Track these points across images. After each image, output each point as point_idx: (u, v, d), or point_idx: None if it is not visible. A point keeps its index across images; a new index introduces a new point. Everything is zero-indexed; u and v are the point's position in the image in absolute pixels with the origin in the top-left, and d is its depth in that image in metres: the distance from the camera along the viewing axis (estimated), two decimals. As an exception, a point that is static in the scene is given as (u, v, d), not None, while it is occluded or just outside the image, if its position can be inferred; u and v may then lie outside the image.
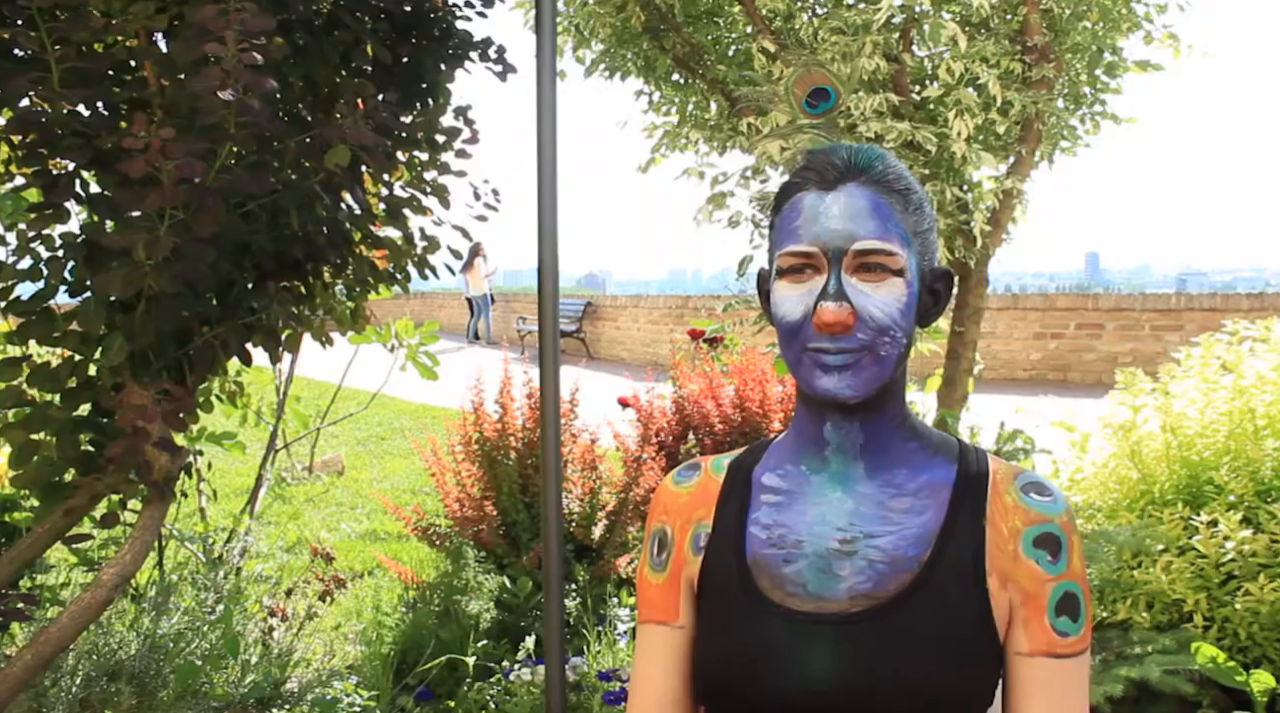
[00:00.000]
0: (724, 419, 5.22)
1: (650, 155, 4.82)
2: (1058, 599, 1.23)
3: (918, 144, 3.92)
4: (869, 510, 1.26)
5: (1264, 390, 3.67)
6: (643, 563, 1.41)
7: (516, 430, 4.41)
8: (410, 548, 5.86)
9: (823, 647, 1.21)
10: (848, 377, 1.21)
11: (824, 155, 1.26)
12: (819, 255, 1.21)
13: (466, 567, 3.93)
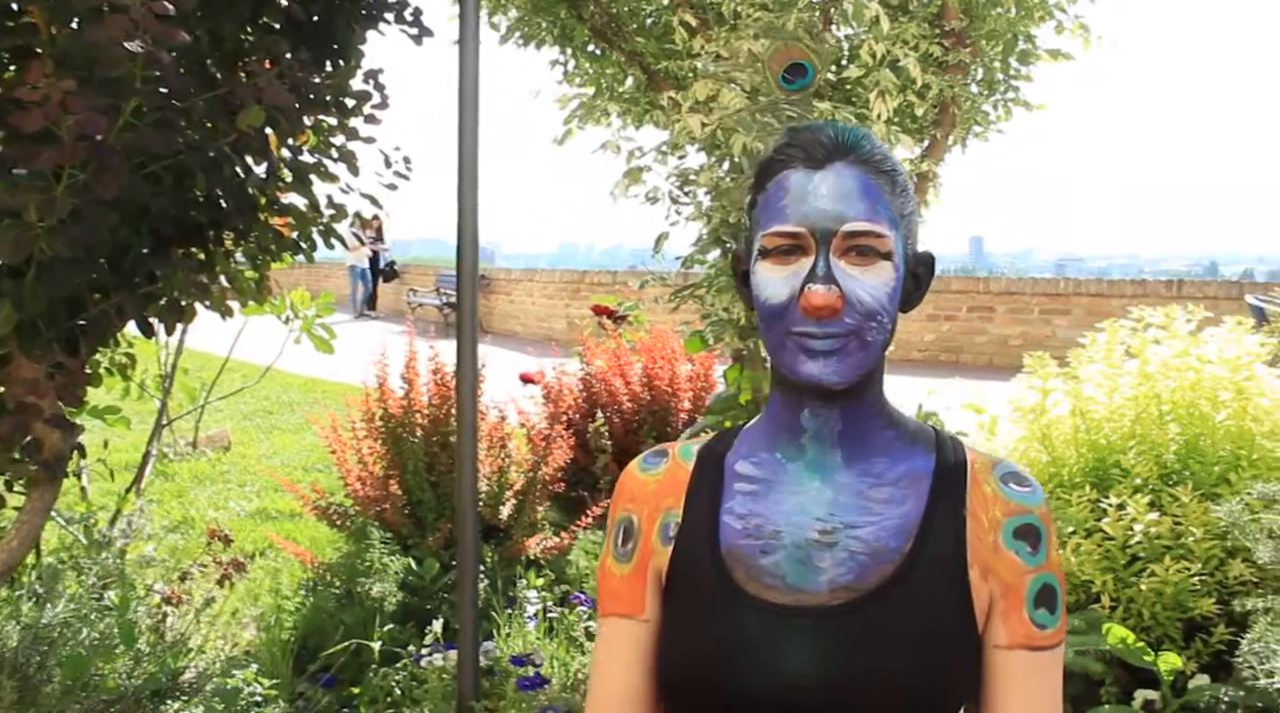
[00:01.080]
0: (633, 397, 5.16)
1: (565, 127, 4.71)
2: (1037, 591, 1.21)
3: (837, 124, 3.89)
4: (848, 500, 1.22)
5: (1168, 376, 3.75)
6: (605, 554, 1.33)
7: (422, 407, 4.27)
8: (304, 527, 5.67)
9: (802, 640, 1.17)
10: (833, 362, 1.16)
11: (809, 133, 1.20)
12: (806, 236, 1.15)
13: (371, 548, 3.80)
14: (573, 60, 4.50)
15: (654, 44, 4.14)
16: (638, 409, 5.15)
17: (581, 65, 4.61)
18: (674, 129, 4.24)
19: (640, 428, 5.13)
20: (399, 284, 21.91)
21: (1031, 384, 4.01)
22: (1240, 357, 3.77)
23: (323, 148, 3.38)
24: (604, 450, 4.99)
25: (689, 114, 3.75)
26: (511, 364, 6.31)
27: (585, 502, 4.76)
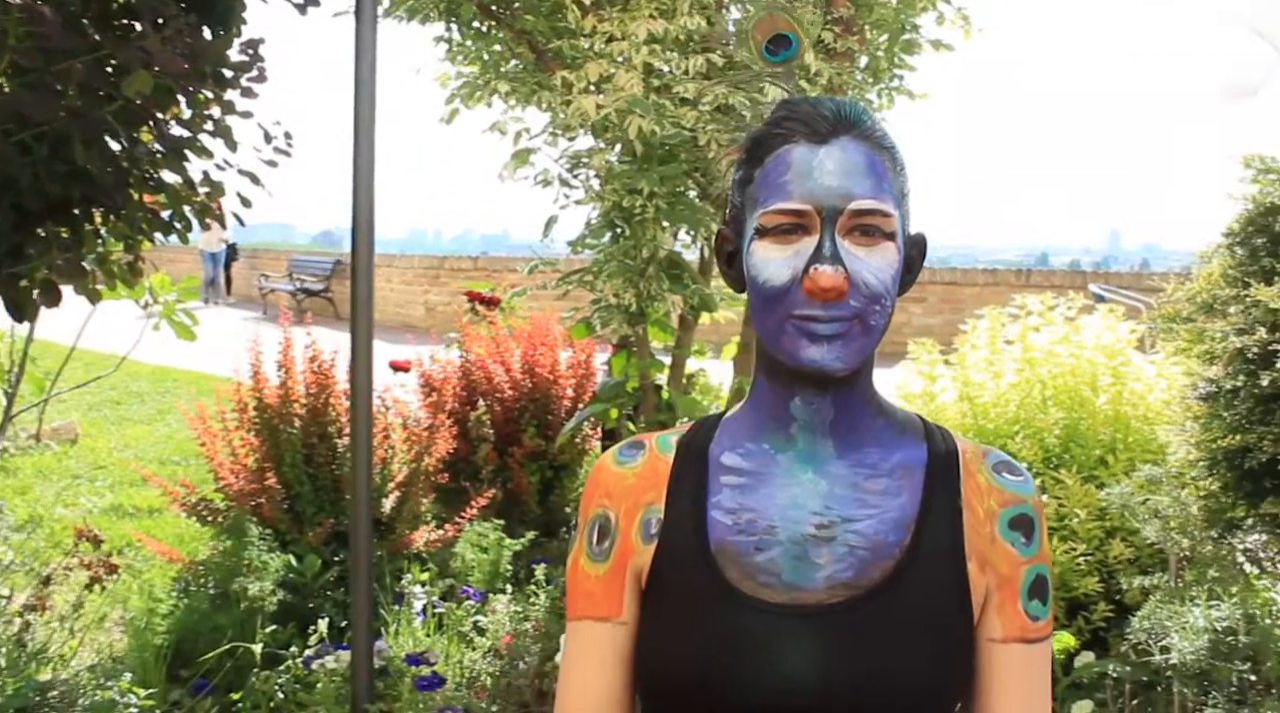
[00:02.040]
0: (514, 385, 5.05)
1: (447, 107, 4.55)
2: (1030, 582, 1.19)
3: (731, 108, 3.85)
4: (843, 493, 1.17)
5: (1049, 362, 3.85)
6: (577, 553, 1.24)
7: (300, 397, 4.08)
8: (166, 523, 5.38)
9: (800, 640, 1.12)
10: (837, 348, 1.10)
11: (808, 106, 1.14)
12: (811, 214, 1.09)
13: (249, 545, 3.60)
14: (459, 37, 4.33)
15: (543, 22, 4.03)
16: (519, 397, 5.05)
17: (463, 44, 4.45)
18: (565, 110, 4.14)
19: (522, 416, 5.02)
20: (249, 269, 21.16)
21: (918, 370, 4.07)
22: (1115, 343, 3.89)
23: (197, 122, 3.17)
24: (486, 440, 4.87)
25: (583, 96, 3.66)
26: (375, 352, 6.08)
27: (467, 493, 4.64)
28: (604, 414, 4.65)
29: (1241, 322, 2.91)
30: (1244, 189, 3.09)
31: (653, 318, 4.37)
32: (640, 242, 3.94)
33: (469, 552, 4.12)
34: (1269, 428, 2.71)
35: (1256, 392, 2.76)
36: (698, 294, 4.28)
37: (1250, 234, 3.01)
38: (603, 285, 4.03)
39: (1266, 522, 2.75)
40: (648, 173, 3.81)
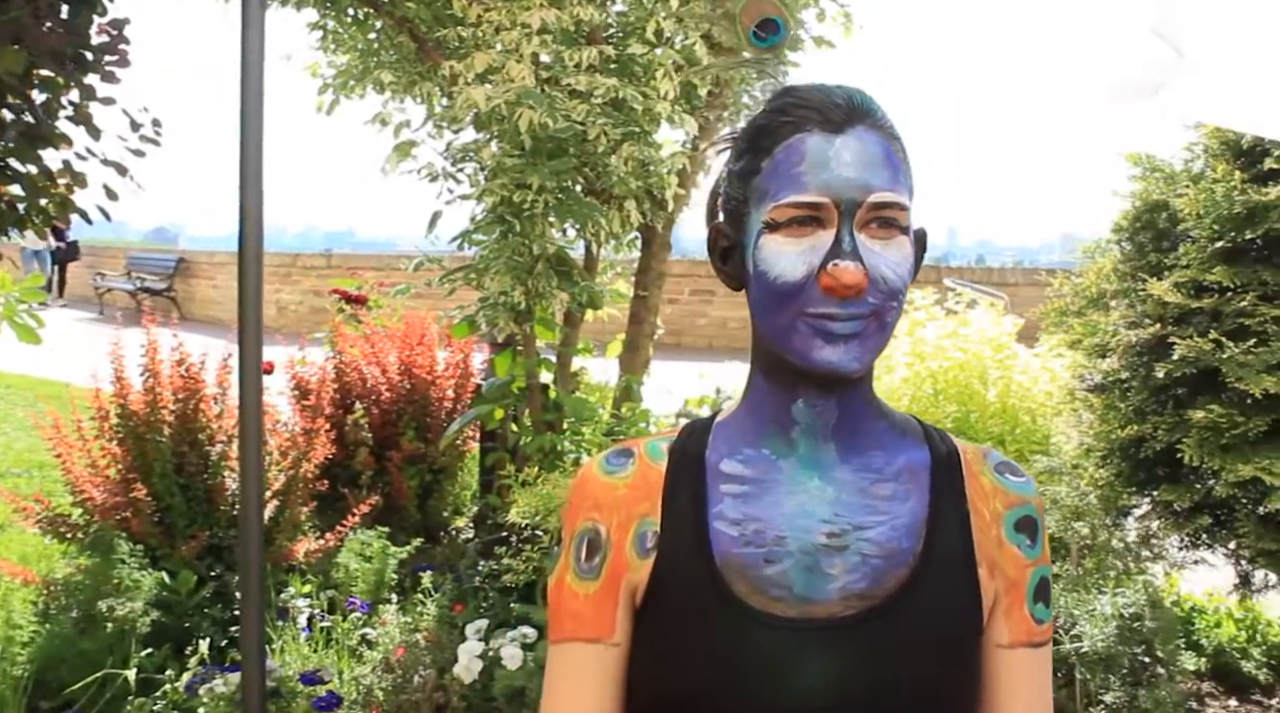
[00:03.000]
0: (391, 387, 4.88)
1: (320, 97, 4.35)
2: (1036, 585, 1.15)
3: (623, 103, 3.78)
4: (852, 499, 1.10)
5: (939, 356, 3.90)
6: (562, 570, 1.15)
7: (168, 403, 3.83)
8: (10, 540, 5.00)
9: (816, 656, 1.05)
10: (854, 347, 1.04)
11: (818, 93, 1.07)
12: (829, 207, 1.02)
13: (117, 562, 3.36)
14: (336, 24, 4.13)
15: (425, 10, 3.87)
16: (397, 399, 4.87)
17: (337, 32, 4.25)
18: (447, 102, 4.00)
19: (400, 419, 4.85)
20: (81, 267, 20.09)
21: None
22: (1000, 337, 3.96)
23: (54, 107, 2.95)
24: (364, 444, 4.69)
25: (472, 86, 3.53)
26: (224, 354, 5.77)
27: (345, 499, 4.45)
28: (488, 415, 4.53)
29: (1132, 315, 2.99)
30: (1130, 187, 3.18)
31: (539, 316, 4.27)
32: (530, 237, 3.83)
33: (353, 561, 3.94)
34: (1162, 418, 2.79)
35: (1150, 383, 2.84)
36: (586, 291, 4.20)
37: (1137, 230, 3.10)
38: (490, 282, 3.91)
39: (1160, 508, 2.82)
40: (538, 167, 3.71)
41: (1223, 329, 2.63)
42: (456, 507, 5.23)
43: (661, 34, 3.82)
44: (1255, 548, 2.56)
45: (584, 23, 3.70)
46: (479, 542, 4.38)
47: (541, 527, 3.86)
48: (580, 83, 3.64)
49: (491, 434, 4.83)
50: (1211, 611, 4.12)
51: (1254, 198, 2.64)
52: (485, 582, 3.99)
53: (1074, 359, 3.37)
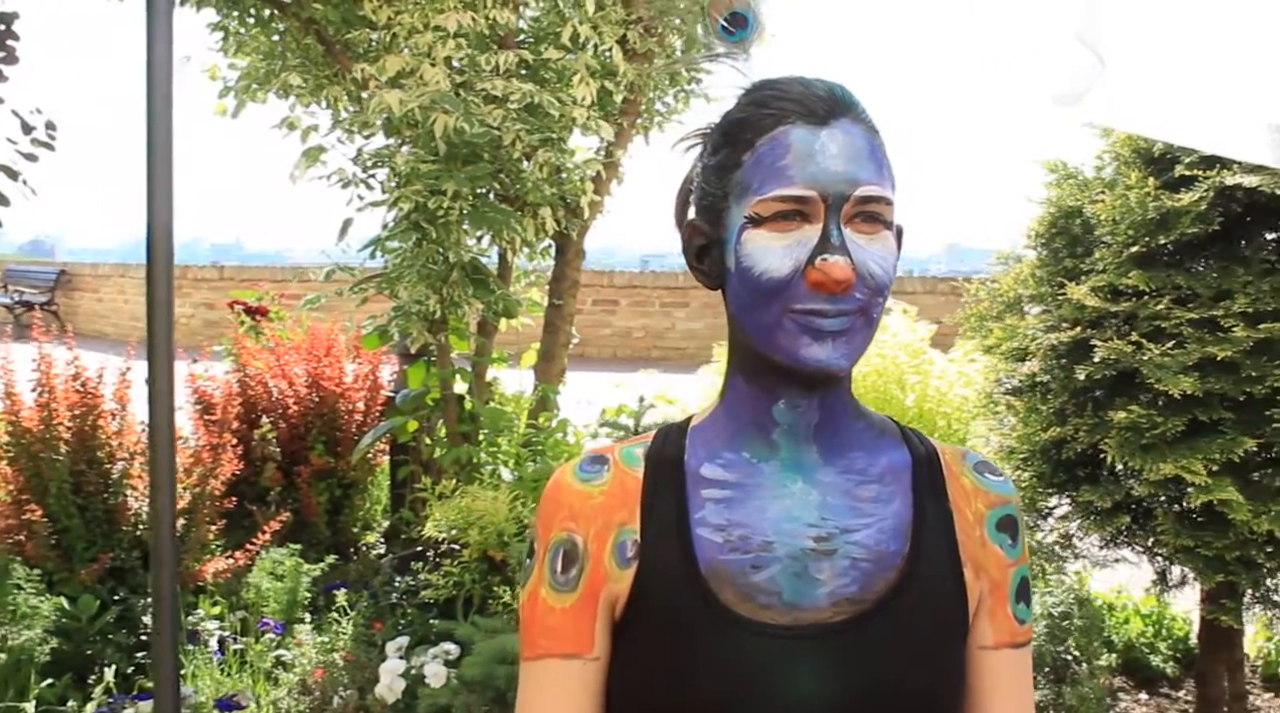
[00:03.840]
0: (299, 400, 4.74)
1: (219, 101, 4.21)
2: (1017, 585, 1.14)
3: (538, 107, 3.73)
4: (837, 502, 1.08)
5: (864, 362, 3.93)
6: (536, 584, 1.09)
7: (64, 420, 3.66)
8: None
9: (808, 664, 1.03)
10: (842, 345, 1.01)
11: (799, 86, 1.04)
12: (815, 200, 1.00)
13: (12, 588, 3.19)
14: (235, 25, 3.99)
15: (334, 12, 3.77)
16: (305, 413, 4.74)
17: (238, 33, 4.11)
18: (356, 107, 3.91)
19: (308, 433, 4.71)
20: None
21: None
22: (915, 343, 4.01)
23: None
24: (271, 459, 4.54)
25: (385, 90, 3.45)
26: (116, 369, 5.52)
27: (253, 516, 4.31)
28: (401, 428, 4.43)
29: (1051, 319, 3.05)
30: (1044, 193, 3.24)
31: (453, 325, 4.20)
32: (445, 245, 3.76)
33: (264, 581, 3.81)
34: (1083, 419, 2.84)
35: (1071, 385, 2.89)
36: (502, 300, 4.14)
37: (1052, 236, 3.16)
38: (405, 291, 3.82)
39: (1081, 508, 2.87)
40: (454, 173, 3.64)
41: (1139, 332, 2.69)
42: (366, 522, 5.11)
43: (578, 39, 3.79)
44: (1174, 545, 2.62)
45: (499, 26, 3.64)
46: (394, 558, 4.27)
47: (461, 540, 3.79)
48: (496, 87, 3.58)
49: (403, 447, 4.72)
50: (1120, 608, 4.23)
51: (1167, 204, 2.71)
52: (403, 598, 3.89)
53: (990, 363, 3.42)
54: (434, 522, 3.87)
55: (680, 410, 4.50)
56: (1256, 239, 2.75)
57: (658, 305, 13.42)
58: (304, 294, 5.20)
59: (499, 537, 3.70)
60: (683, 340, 13.44)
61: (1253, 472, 2.60)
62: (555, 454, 4.39)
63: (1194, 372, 2.56)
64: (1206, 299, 2.66)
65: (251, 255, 20.92)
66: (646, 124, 4.56)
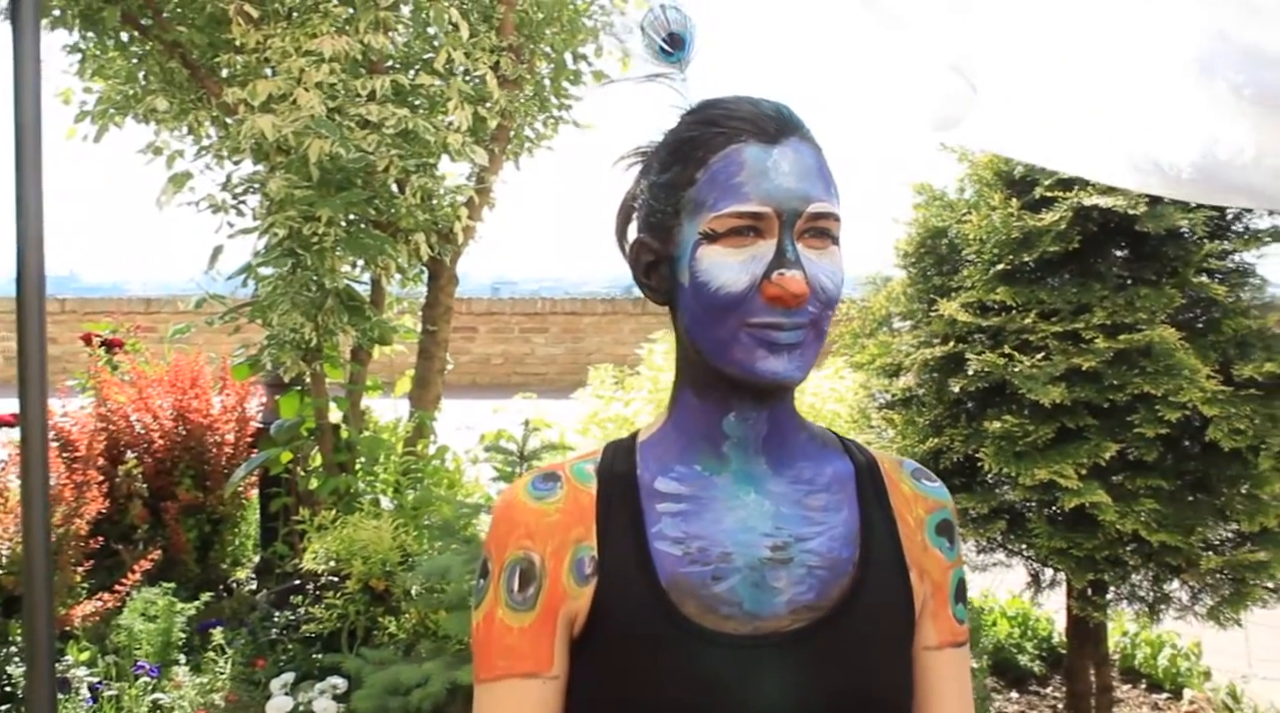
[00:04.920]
0: (165, 435, 4.57)
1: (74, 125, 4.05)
2: (956, 587, 1.18)
3: (414, 134, 3.71)
4: (790, 511, 1.11)
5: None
6: (492, 604, 1.09)
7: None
8: None
9: (771, 672, 1.05)
10: (797, 357, 1.04)
11: (747, 105, 1.08)
12: (770, 216, 1.03)
13: None
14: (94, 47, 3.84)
15: (199, 35, 3.67)
16: (171, 447, 4.57)
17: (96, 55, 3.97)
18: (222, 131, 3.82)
19: (175, 468, 4.55)
20: None
21: (615, 395, 4.11)
22: (840, 373, 4.11)
23: None
24: (137, 496, 4.37)
25: (258, 115, 3.38)
26: None
27: (120, 556, 4.14)
28: (275, 459, 4.32)
29: (923, 334, 3.18)
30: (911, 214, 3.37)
31: (327, 353, 4.13)
32: (320, 271, 3.70)
33: (136, 622, 3.67)
34: (958, 430, 2.96)
35: (945, 398, 3.02)
36: (377, 326, 4.09)
37: (921, 255, 3.29)
38: (279, 319, 3.74)
39: (962, 517, 2.99)
40: (328, 199, 3.59)
41: (1008, 345, 2.83)
42: (237, 558, 4.95)
43: (451, 65, 3.78)
44: (1047, 548, 2.75)
45: (372, 50, 3.61)
46: (271, 593, 4.16)
47: (342, 572, 3.72)
48: (371, 112, 3.55)
49: (275, 479, 4.60)
50: (989, 611, 4.41)
51: (1029, 223, 2.86)
52: (284, 633, 3.79)
53: (861, 380, 3.53)
54: (313, 554, 3.79)
55: (558, 434, 4.52)
56: (1111, 256, 2.93)
57: (517, 331, 13.38)
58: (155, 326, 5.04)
59: (383, 566, 3.65)
60: (542, 366, 13.43)
61: (1116, 475, 2.76)
62: (435, 481, 4.35)
63: (1061, 382, 2.70)
64: (1068, 313, 2.82)
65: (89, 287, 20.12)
66: (517, 150, 4.57)
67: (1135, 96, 2.13)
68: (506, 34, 4.21)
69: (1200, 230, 2.87)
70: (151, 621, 3.71)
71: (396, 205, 4.00)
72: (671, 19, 1.20)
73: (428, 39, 4.05)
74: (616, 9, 4.55)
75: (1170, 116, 2.07)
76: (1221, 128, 1.93)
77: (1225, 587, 2.77)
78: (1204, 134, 1.98)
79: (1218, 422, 2.63)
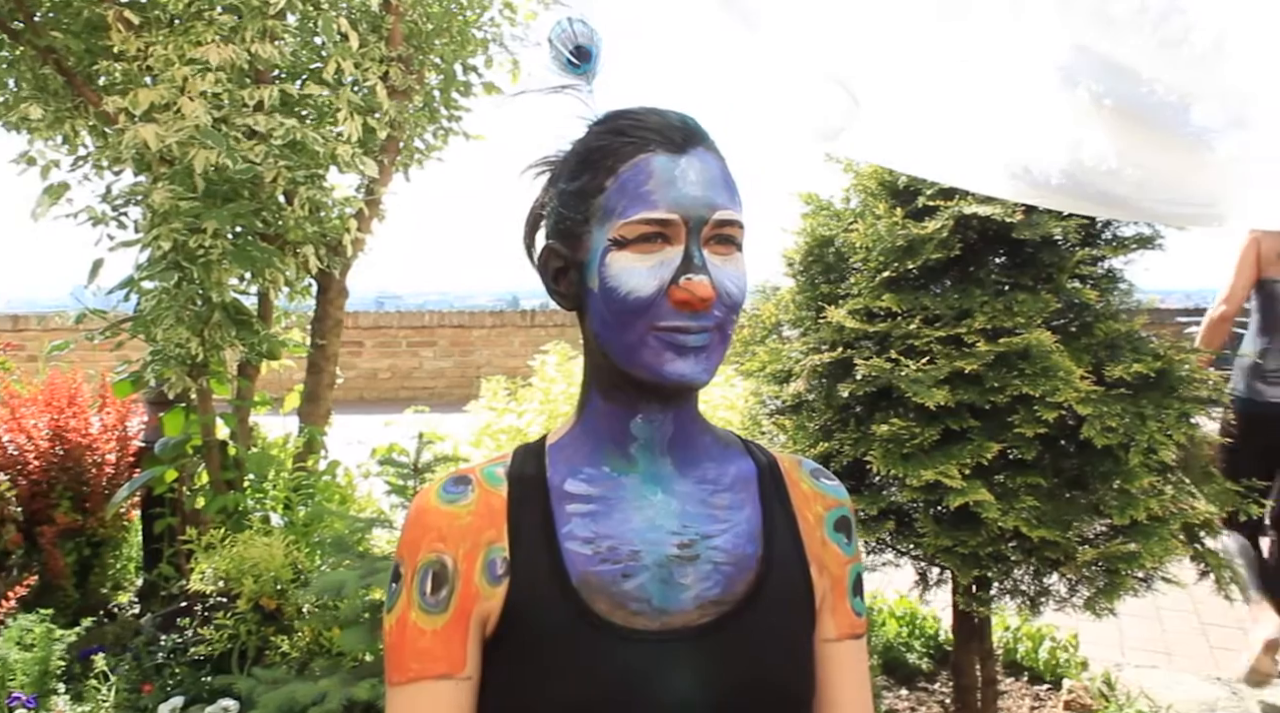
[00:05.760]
0: (41, 455, 4.41)
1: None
2: (854, 581, 1.24)
3: (303, 145, 3.66)
4: (695, 510, 1.15)
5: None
6: (405, 608, 1.10)
7: None
8: None
9: (681, 666, 1.08)
10: (703, 359, 1.08)
11: (655, 116, 1.12)
12: (678, 223, 1.07)
13: None
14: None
15: (77, 41, 3.57)
16: (48, 468, 4.41)
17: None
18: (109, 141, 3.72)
19: (52, 490, 4.39)
20: None
21: (508, 407, 4.11)
22: (731, 381, 4.16)
23: None
24: (11, 520, 4.21)
25: (143, 125, 3.30)
26: None
27: (-8, 583, 3.98)
28: (159, 478, 4.21)
29: (812, 341, 3.25)
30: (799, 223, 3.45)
31: (214, 369, 4.04)
32: (207, 285, 3.62)
33: (12, 652, 3.52)
34: (847, 434, 3.04)
35: (834, 402, 3.09)
36: (265, 341, 4.02)
37: (809, 264, 3.37)
38: (163, 334, 3.65)
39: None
40: (214, 211, 3.51)
41: (895, 350, 2.91)
42: (118, 582, 4.79)
43: (340, 75, 3.75)
44: (933, 546, 2.84)
45: (260, 59, 3.55)
46: (157, 616, 4.04)
47: (232, 591, 3.63)
48: (259, 123, 3.50)
49: (159, 499, 4.48)
50: (878, 612, 4.52)
51: (912, 232, 2.96)
52: (171, 657, 3.69)
53: (753, 386, 3.59)
54: (200, 574, 3.70)
55: (451, 446, 4.49)
56: (990, 263, 3.04)
57: (404, 345, 13.23)
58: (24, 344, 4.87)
59: (274, 584, 3.58)
60: (431, 380, 13.30)
61: (998, 474, 2.86)
62: (327, 496, 4.29)
63: (944, 385, 2.79)
64: (950, 318, 2.92)
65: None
66: (406, 161, 4.54)
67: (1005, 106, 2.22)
68: (395, 44, 4.19)
69: (1073, 238, 3.00)
70: (28, 649, 3.57)
71: (284, 217, 3.95)
72: (578, 32, 1.23)
73: (316, 49, 4.01)
74: (506, 21, 4.56)
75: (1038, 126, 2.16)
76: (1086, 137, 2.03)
77: (1100, 578, 2.88)
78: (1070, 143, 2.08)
79: (1091, 421, 2.75)
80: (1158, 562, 2.86)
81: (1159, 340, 3.02)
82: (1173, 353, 2.93)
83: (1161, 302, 14.18)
